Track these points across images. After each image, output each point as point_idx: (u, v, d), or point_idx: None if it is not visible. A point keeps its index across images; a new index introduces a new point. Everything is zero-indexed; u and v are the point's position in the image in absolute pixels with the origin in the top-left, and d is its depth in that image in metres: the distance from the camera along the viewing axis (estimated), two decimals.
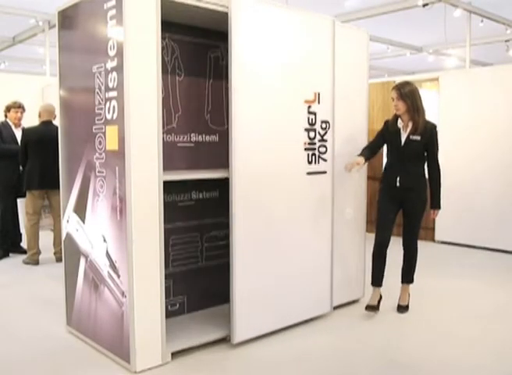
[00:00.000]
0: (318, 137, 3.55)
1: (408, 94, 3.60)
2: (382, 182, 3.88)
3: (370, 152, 3.76)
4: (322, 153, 3.58)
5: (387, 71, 14.69)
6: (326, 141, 3.60)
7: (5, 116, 5.64)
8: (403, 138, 3.69)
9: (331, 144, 3.64)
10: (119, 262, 2.84)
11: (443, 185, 3.77)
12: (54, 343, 3.24)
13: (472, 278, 4.78)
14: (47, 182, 5.06)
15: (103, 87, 2.87)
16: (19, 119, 5.63)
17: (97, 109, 2.93)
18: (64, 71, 3.30)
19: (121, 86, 2.72)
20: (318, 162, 3.56)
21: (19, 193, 5.44)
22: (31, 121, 5.45)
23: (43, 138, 5.05)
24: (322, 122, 3.56)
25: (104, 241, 2.96)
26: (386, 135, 3.81)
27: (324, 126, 3.57)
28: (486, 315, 3.80)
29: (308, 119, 3.47)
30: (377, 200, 3.86)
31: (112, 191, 2.86)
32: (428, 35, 10.80)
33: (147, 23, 2.72)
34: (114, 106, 2.79)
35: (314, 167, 3.53)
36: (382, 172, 3.95)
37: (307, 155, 3.49)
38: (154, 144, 2.79)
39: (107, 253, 2.94)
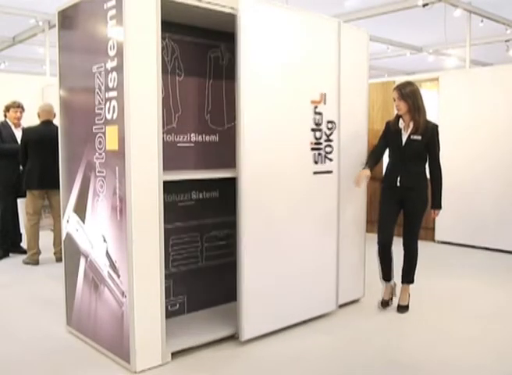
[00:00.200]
0: (324, 137, 3.57)
1: (409, 94, 3.61)
2: (383, 182, 3.88)
3: (374, 161, 3.81)
4: (328, 153, 3.61)
5: (387, 71, 14.70)
6: (332, 141, 3.63)
7: (5, 116, 5.64)
8: (404, 138, 3.70)
9: (337, 144, 3.66)
10: (119, 262, 2.84)
11: (443, 185, 3.77)
12: (54, 343, 3.24)
13: (472, 278, 4.78)
14: (47, 182, 5.06)
15: (103, 87, 2.87)
16: (19, 119, 5.63)
17: (97, 109, 2.93)
18: (64, 71, 3.30)
19: (121, 86, 2.72)
20: (324, 161, 3.59)
21: (19, 193, 5.44)
22: (31, 121, 5.44)
23: (43, 138, 5.05)
24: (328, 122, 3.59)
25: (104, 241, 2.96)
26: (388, 135, 3.82)
27: (330, 126, 3.60)
28: (486, 315, 3.80)
29: (315, 119, 3.50)
30: (379, 200, 3.87)
31: (112, 191, 2.86)
32: (428, 35, 10.81)
33: (147, 23, 2.72)
34: (114, 106, 2.79)
35: (320, 167, 3.56)
36: (382, 172, 3.96)
37: (314, 154, 3.51)
38: (154, 144, 2.79)
39: (107, 253, 2.94)
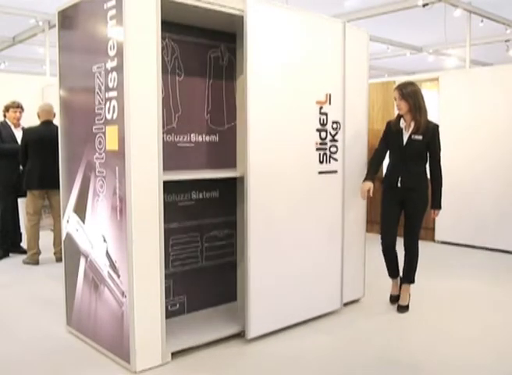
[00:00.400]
0: (330, 137, 3.60)
1: (410, 94, 3.62)
2: (383, 182, 3.89)
3: (376, 168, 3.85)
4: (333, 153, 3.63)
5: (387, 71, 14.70)
6: (337, 142, 3.65)
7: (4, 116, 5.64)
8: (405, 138, 3.70)
9: (341, 144, 3.68)
10: (119, 262, 2.84)
11: (443, 185, 3.77)
12: (54, 343, 3.24)
13: (472, 278, 4.78)
14: (47, 182, 5.06)
15: (103, 87, 2.87)
16: (18, 119, 5.63)
17: (97, 109, 2.93)
18: (64, 71, 3.30)
19: (121, 86, 2.72)
20: (329, 161, 3.61)
21: (18, 193, 5.44)
22: (31, 121, 5.44)
23: (43, 138, 5.05)
24: (333, 122, 3.61)
25: (104, 241, 2.96)
26: (389, 136, 3.82)
27: (335, 126, 3.62)
28: (486, 315, 3.80)
29: (320, 119, 3.52)
30: (380, 201, 3.87)
31: (112, 191, 2.86)
32: (428, 35, 10.80)
33: (147, 23, 2.72)
34: (114, 106, 2.79)
35: (325, 167, 3.58)
36: (383, 172, 3.96)
37: (319, 154, 3.54)
38: (154, 144, 2.79)
39: (107, 253, 2.94)
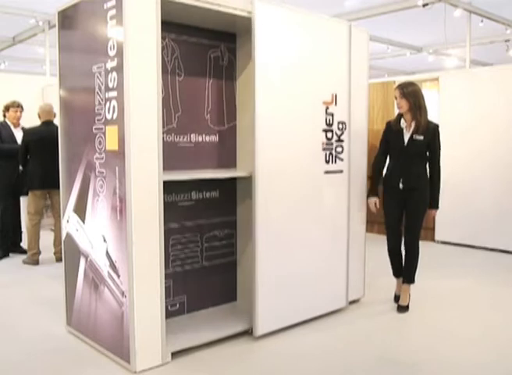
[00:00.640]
0: (335, 137, 3.62)
1: (411, 93, 3.63)
2: (385, 183, 3.88)
3: (378, 180, 3.89)
4: (339, 153, 3.65)
5: (387, 71, 14.69)
6: (343, 141, 3.68)
7: (4, 116, 5.64)
8: (407, 138, 3.70)
9: (347, 144, 3.71)
10: (119, 262, 2.84)
11: (443, 185, 3.77)
12: (54, 343, 3.24)
13: (472, 278, 4.78)
14: (48, 182, 5.06)
15: (103, 87, 2.87)
16: (18, 119, 5.63)
17: (97, 109, 2.93)
18: (64, 71, 3.30)
19: (121, 86, 2.72)
20: (335, 161, 3.63)
21: (18, 193, 5.44)
22: (31, 121, 5.44)
23: (44, 138, 5.05)
24: (339, 122, 3.63)
25: (104, 241, 2.96)
26: (389, 136, 3.82)
27: (340, 126, 3.65)
28: (486, 315, 3.80)
29: (326, 119, 3.55)
30: (382, 203, 3.88)
31: (112, 191, 2.86)
32: (428, 35, 10.80)
33: (147, 23, 2.72)
34: (114, 106, 2.79)
35: (331, 166, 3.61)
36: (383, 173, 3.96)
37: (325, 154, 3.57)
38: (154, 144, 2.79)
39: (107, 253, 2.94)
